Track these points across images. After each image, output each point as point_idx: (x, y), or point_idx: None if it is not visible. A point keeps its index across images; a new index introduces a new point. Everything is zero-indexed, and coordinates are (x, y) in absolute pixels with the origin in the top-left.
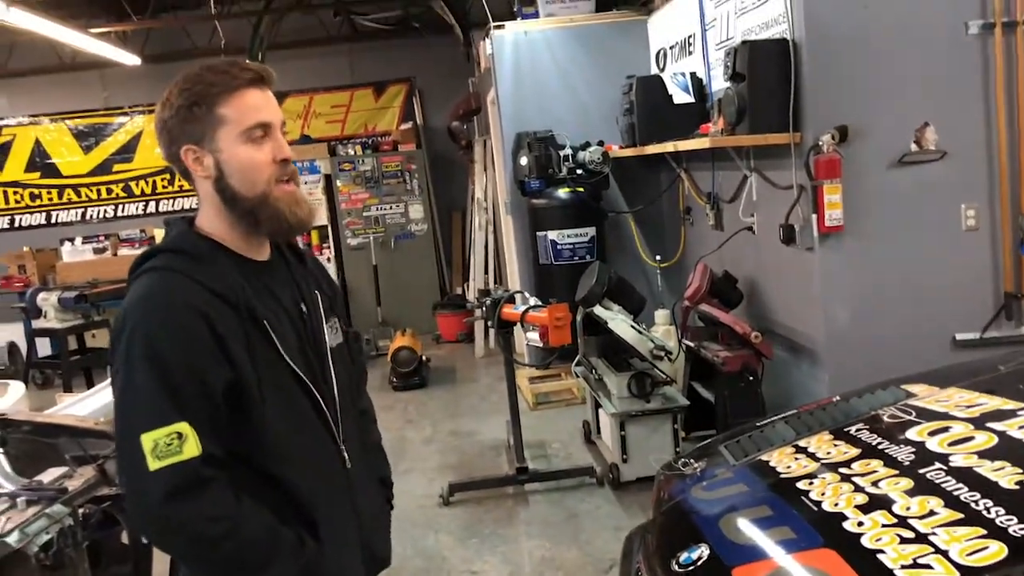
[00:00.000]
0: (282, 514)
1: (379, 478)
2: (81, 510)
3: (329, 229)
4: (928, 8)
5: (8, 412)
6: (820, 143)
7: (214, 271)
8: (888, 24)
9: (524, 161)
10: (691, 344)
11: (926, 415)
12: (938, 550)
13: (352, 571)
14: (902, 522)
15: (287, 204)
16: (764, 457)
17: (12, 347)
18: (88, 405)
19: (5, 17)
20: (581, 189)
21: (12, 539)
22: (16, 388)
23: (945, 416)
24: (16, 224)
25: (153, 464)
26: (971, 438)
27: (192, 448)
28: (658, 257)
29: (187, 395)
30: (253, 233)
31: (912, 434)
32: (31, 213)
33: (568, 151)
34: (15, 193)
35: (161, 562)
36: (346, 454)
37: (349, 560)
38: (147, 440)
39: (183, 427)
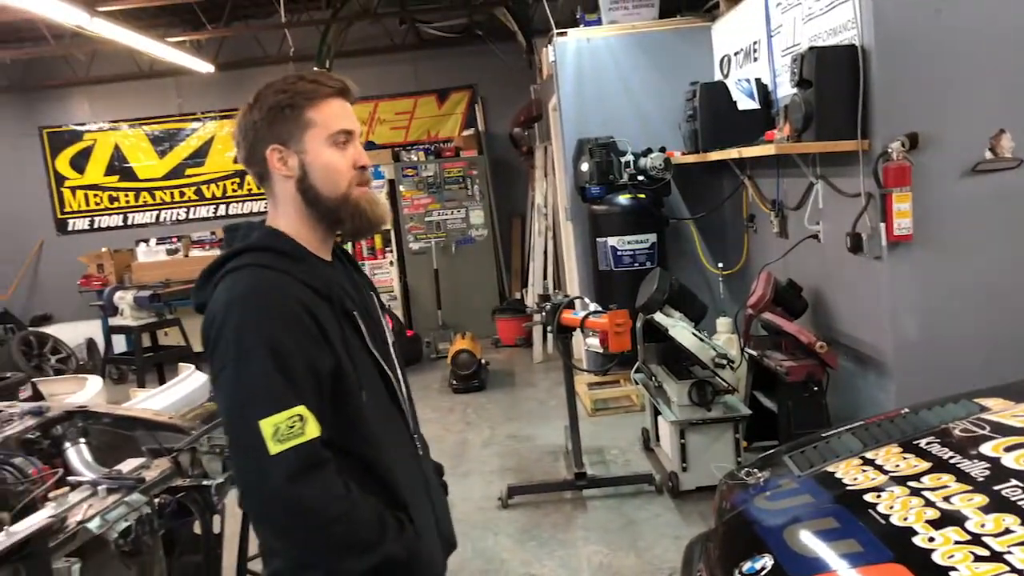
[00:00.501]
0: (378, 500)
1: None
2: (156, 500)
3: (392, 233)
4: (1003, 12)
5: (89, 404)
6: (889, 150)
7: (305, 267)
8: (961, 29)
9: (585, 167)
10: (754, 353)
11: (1002, 430)
12: (1014, 569)
13: (437, 554)
14: (976, 539)
15: (367, 203)
16: (830, 468)
17: (91, 343)
18: (162, 400)
19: (89, 26)
20: (642, 195)
21: (93, 525)
22: (95, 382)
23: (1022, 432)
24: (95, 225)
25: (274, 448)
26: None
27: (313, 429)
28: (720, 264)
29: (302, 380)
30: (332, 232)
31: (986, 449)
32: (109, 215)
33: (629, 157)
34: (95, 196)
35: (230, 553)
36: (417, 442)
37: (434, 543)
38: (267, 426)
39: (302, 410)
